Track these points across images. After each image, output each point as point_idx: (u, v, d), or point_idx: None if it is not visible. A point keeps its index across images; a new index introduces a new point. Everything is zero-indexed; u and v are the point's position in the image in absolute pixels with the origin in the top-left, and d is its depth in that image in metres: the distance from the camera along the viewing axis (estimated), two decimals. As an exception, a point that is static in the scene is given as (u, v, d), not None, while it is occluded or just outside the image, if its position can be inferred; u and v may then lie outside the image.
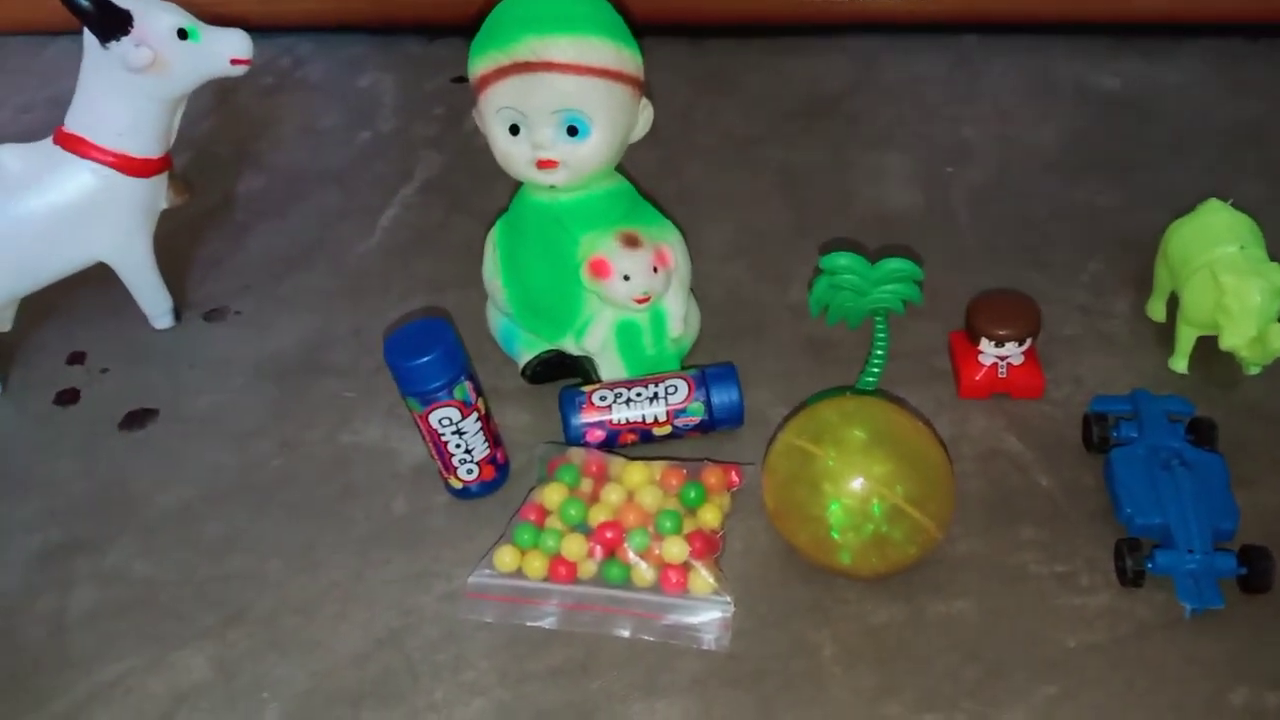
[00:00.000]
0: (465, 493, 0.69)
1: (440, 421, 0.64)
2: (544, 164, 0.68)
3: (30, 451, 0.79)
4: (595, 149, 0.68)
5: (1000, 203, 0.94)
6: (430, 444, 0.66)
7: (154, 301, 0.88)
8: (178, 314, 0.89)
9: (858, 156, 1.01)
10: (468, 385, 0.64)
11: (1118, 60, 1.13)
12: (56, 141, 0.79)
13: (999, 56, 1.15)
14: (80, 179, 0.79)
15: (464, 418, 0.65)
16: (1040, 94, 1.09)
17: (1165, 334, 0.78)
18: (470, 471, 0.68)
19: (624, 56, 0.68)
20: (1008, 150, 1.00)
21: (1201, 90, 1.08)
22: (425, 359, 0.62)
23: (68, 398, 0.83)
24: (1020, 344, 0.71)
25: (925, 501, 0.58)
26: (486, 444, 0.67)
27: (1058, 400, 0.73)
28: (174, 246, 0.94)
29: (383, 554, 0.68)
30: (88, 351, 0.88)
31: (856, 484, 0.58)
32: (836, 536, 0.58)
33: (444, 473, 0.68)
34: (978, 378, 0.73)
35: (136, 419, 0.81)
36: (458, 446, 0.66)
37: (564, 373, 0.77)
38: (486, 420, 0.67)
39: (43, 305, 0.89)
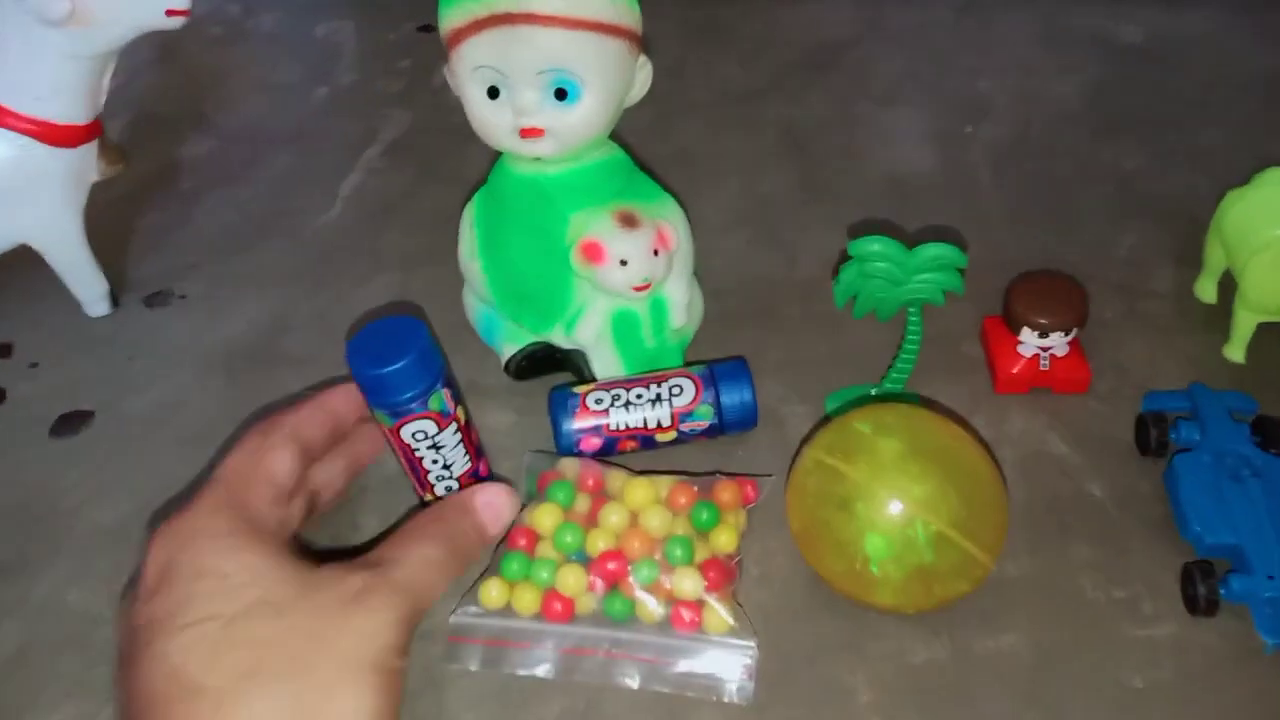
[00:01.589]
0: None
1: (414, 436, 0.56)
2: (528, 133, 0.59)
3: (-52, 462, 0.69)
4: (587, 115, 0.59)
5: (1023, 164, 0.86)
6: (403, 460, 0.58)
7: (87, 286, 0.78)
8: (115, 299, 0.80)
9: (866, 112, 0.92)
10: (444, 393, 0.55)
11: (1137, 7, 1.04)
12: (-37, 108, 0.69)
13: (1008, 3, 1.07)
14: (-7, 149, 0.69)
15: (441, 430, 0.56)
16: (1057, 45, 1.00)
17: (1215, 316, 0.71)
18: (449, 489, 0.59)
19: (619, 6, 0.58)
20: (1027, 106, 0.92)
21: (1228, 40, 1.00)
22: (395, 366, 0.53)
23: (-9, 398, 0.74)
24: (1066, 334, 0.64)
25: (976, 528, 0.50)
26: (467, 457, 0.59)
27: (1103, 394, 0.66)
28: (109, 222, 0.84)
29: (351, 583, 0.59)
30: (14, 343, 0.78)
31: (896, 508, 0.50)
32: (875, 571, 0.51)
33: (418, 490, 0.60)
34: (1016, 370, 0.65)
35: (69, 422, 0.72)
36: (434, 463, 0.58)
37: (552, 368, 0.69)
38: (467, 430, 0.58)
39: (-40, 292, 0.80)
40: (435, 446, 0.57)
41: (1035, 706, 0.51)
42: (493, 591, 0.55)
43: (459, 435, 0.58)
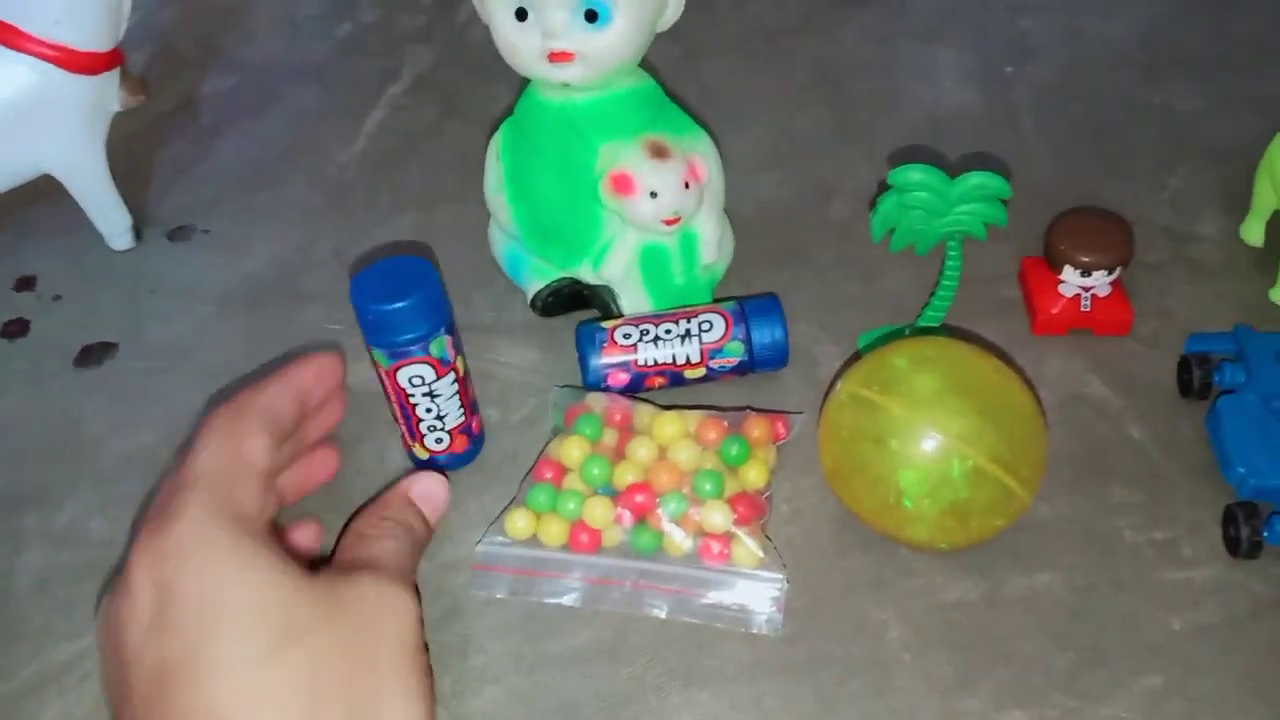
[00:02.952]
0: (430, 465, 0.59)
1: (410, 380, 0.54)
2: (557, 57, 0.57)
3: (-29, 391, 0.69)
4: (618, 39, 0.57)
5: (1068, 106, 0.83)
6: (395, 405, 0.56)
7: (110, 219, 0.77)
8: (138, 233, 0.79)
9: (905, 50, 0.90)
10: (446, 340, 0.54)
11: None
12: (-19, 30, 0.67)
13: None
14: (14, 75, 0.68)
15: (439, 378, 0.55)
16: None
17: (1263, 260, 0.68)
18: (439, 441, 0.58)
19: (652, -76, 0.56)
20: (1073, 45, 0.89)
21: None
22: (399, 304, 0.51)
23: (15, 329, 0.73)
24: (1110, 273, 0.62)
25: (1014, 463, 0.49)
26: (461, 410, 0.57)
27: (1145, 337, 0.64)
28: (132, 155, 0.83)
29: (376, 514, 0.59)
30: (38, 276, 0.77)
31: (932, 443, 0.49)
32: (910, 505, 0.49)
33: (407, 439, 0.59)
34: (1056, 311, 0.63)
35: (92, 353, 0.71)
36: (428, 411, 0.56)
37: (579, 304, 0.68)
38: (464, 383, 0.57)
39: (-16, 223, 0.79)
40: (431, 394, 0.55)
41: (1069, 647, 0.50)
42: (519, 522, 0.54)
43: (456, 386, 0.56)
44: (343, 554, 0.47)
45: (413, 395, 0.55)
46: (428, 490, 0.52)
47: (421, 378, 0.55)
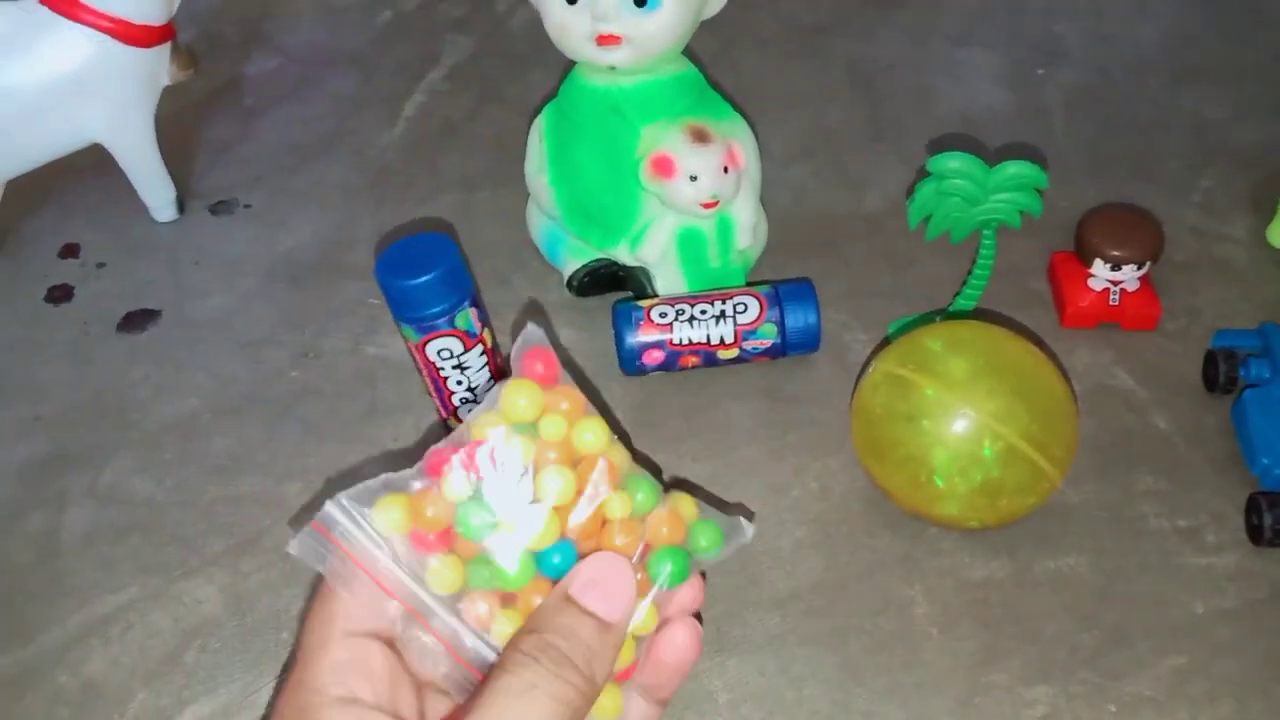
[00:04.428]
0: None
1: (439, 354, 0.56)
2: (605, 39, 0.59)
3: (17, 353, 0.71)
4: (666, 23, 0.59)
5: (1099, 108, 0.84)
6: (427, 379, 0.58)
7: (155, 190, 0.79)
8: (181, 205, 0.81)
9: (938, 50, 0.91)
10: (471, 313, 0.55)
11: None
12: (43, 1, 0.69)
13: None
14: (71, 45, 0.70)
15: (467, 350, 0.56)
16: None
17: (1289, 262, 0.69)
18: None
19: (702, -87, 0.58)
20: (1104, 49, 0.90)
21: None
22: (424, 279, 0.52)
23: (59, 295, 0.75)
24: (1139, 267, 0.63)
25: (1047, 443, 0.50)
26: (492, 381, 0.59)
27: (1172, 333, 0.65)
28: (177, 130, 0.85)
29: (414, 481, 0.60)
30: (82, 244, 0.79)
31: (965, 421, 0.50)
32: (940, 483, 0.50)
33: (441, 412, 0.60)
34: (1085, 304, 0.64)
35: (136, 320, 0.73)
36: (459, 384, 0.57)
37: (614, 286, 0.69)
38: (493, 354, 0.58)
39: (33, 191, 0.80)
40: (460, 366, 0.57)
41: (1094, 627, 0.51)
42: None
43: (485, 358, 0.58)
44: (467, 700, 0.30)
45: (443, 368, 0.57)
46: (591, 576, 0.32)
47: (450, 350, 0.56)
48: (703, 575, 0.35)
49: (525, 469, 0.32)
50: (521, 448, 0.32)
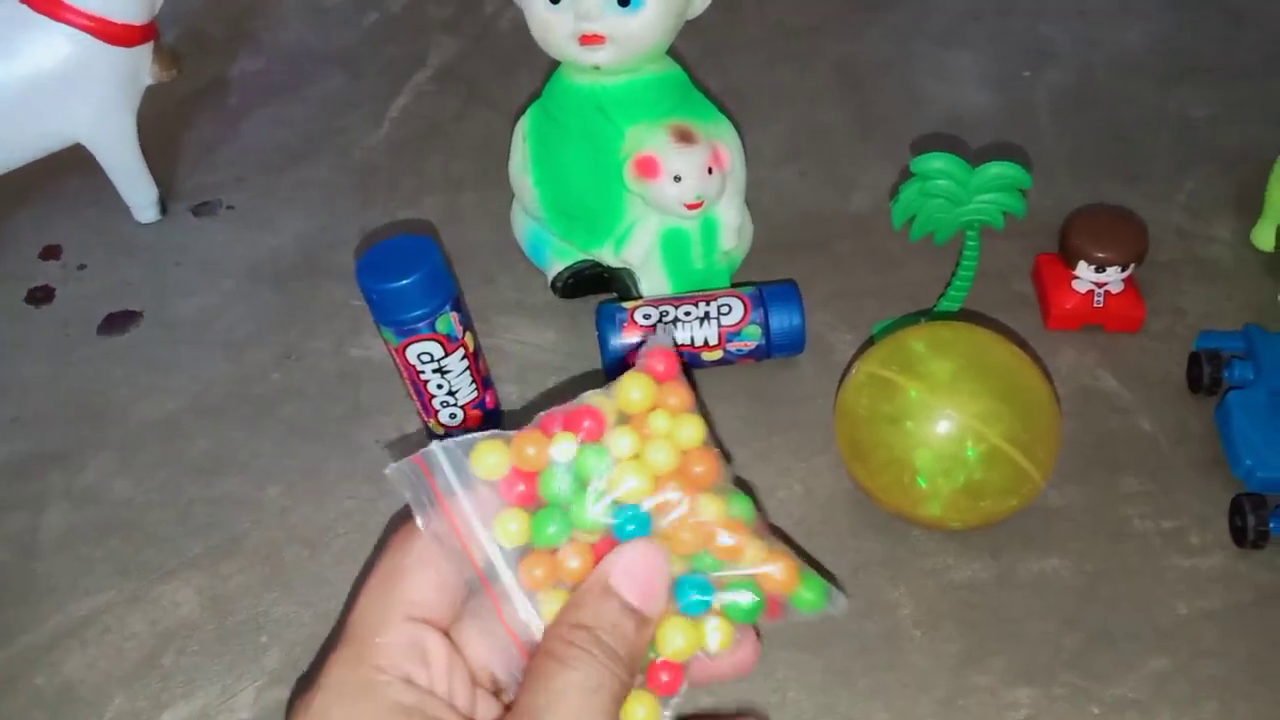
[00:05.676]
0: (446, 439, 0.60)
1: (419, 357, 0.55)
2: (588, 39, 0.59)
3: (-2, 354, 0.70)
4: (650, 23, 0.59)
5: (1084, 110, 0.84)
6: (408, 382, 0.57)
7: (137, 191, 0.78)
8: (164, 206, 0.80)
9: (925, 52, 0.91)
10: (453, 317, 0.55)
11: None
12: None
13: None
14: (52, 45, 0.69)
15: (447, 354, 0.56)
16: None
17: (1273, 264, 0.69)
18: (454, 416, 0.59)
19: (686, -87, 0.58)
20: (1091, 52, 0.90)
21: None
22: (403, 282, 0.52)
23: (41, 296, 0.75)
24: (1123, 269, 0.63)
25: (1030, 444, 0.50)
26: (474, 386, 0.58)
27: (1157, 334, 0.65)
28: (160, 131, 0.84)
29: (396, 483, 0.60)
30: (63, 245, 0.79)
31: (948, 423, 0.50)
32: (924, 485, 0.50)
33: (423, 415, 0.60)
34: (1069, 306, 0.64)
35: (117, 322, 0.72)
36: (439, 387, 0.57)
37: (599, 287, 0.69)
38: (475, 359, 0.58)
39: (13, 192, 0.80)
40: (440, 370, 0.56)
41: (1077, 628, 0.51)
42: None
43: (466, 363, 0.57)
44: (522, 694, 0.30)
45: (423, 372, 0.56)
46: (630, 566, 0.32)
47: (430, 354, 0.55)
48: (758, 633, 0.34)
49: (623, 453, 0.33)
50: (628, 435, 0.33)
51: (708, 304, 0.63)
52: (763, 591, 0.34)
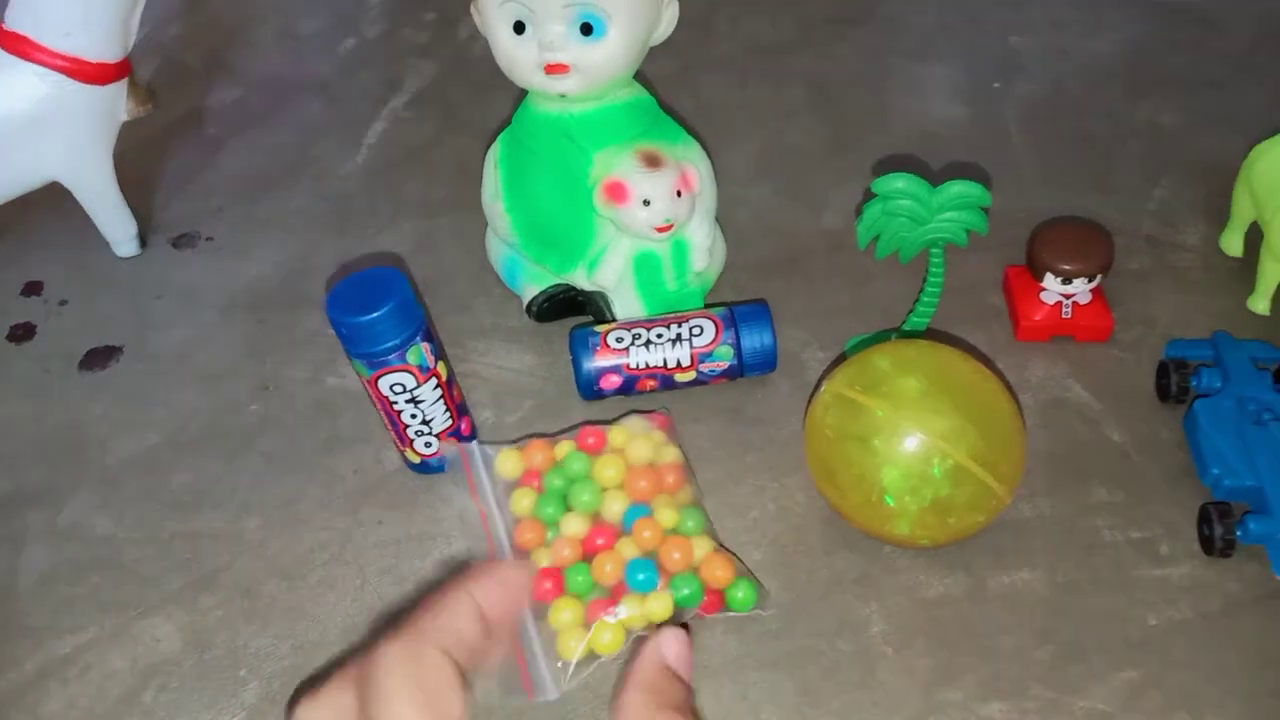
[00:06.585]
0: (424, 468, 0.61)
1: (392, 388, 0.56)
2: (553, 69, 0.59)
3: (-22, 392, 0.71)
4: (613, 51, 0.59)
5: (1054, 120, 0.85)
6: (382, 413, 0.58)
7: (116, 226, 0.79)
8: (143, 240, 0.81)
9: (897, 67, 0.92)
10: (424, 347, 0.55)
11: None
12: (-5, 41, 0.69)
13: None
14: (26, 86, 0.70)
15: (420, 384, 0.56)
16: (1091, 2, 0.99)
17: (1242, 270, 0.70)
18: (429, 445, 0.59)
19: (645, -59, 0.58)
20: (1060, 63, 0.91)
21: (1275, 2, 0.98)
22: (373, 315, 0.52)
23: (22, 333, 0.75)
24: (1089, 280, 0.63)
25: (994, 462, 0.50)
26: (448, 414, 0.59)
27: (1126, 343, 0.66)
28: (137, 166, 0.85)
29: (374, 513, 0.60)
30: (44, 282, 0.79)
31: (914, 442, 0.50)
32: (892, 503, 0.51)
33: (399, 444, 0.60)
34: (1038, 318, 0.65)
35: (98, 357, 0.73)
36: (413, 417, 0.57)
37: (574, 310, 0.69)
38: (448, 387, 0.58)
39: (-8, 229, 0.81)
40: (414, 400, 0.57)
41: (1049, 641, 0.51)
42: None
43: (439, 391, 0.58)
44: None
45: (396, 402, 0.57)
46: (680, 652, 0.36)
47: (403, 385, 0.56)
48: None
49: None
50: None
51: (679, 326, 0.63)
52: (703, 585, 0.51)
